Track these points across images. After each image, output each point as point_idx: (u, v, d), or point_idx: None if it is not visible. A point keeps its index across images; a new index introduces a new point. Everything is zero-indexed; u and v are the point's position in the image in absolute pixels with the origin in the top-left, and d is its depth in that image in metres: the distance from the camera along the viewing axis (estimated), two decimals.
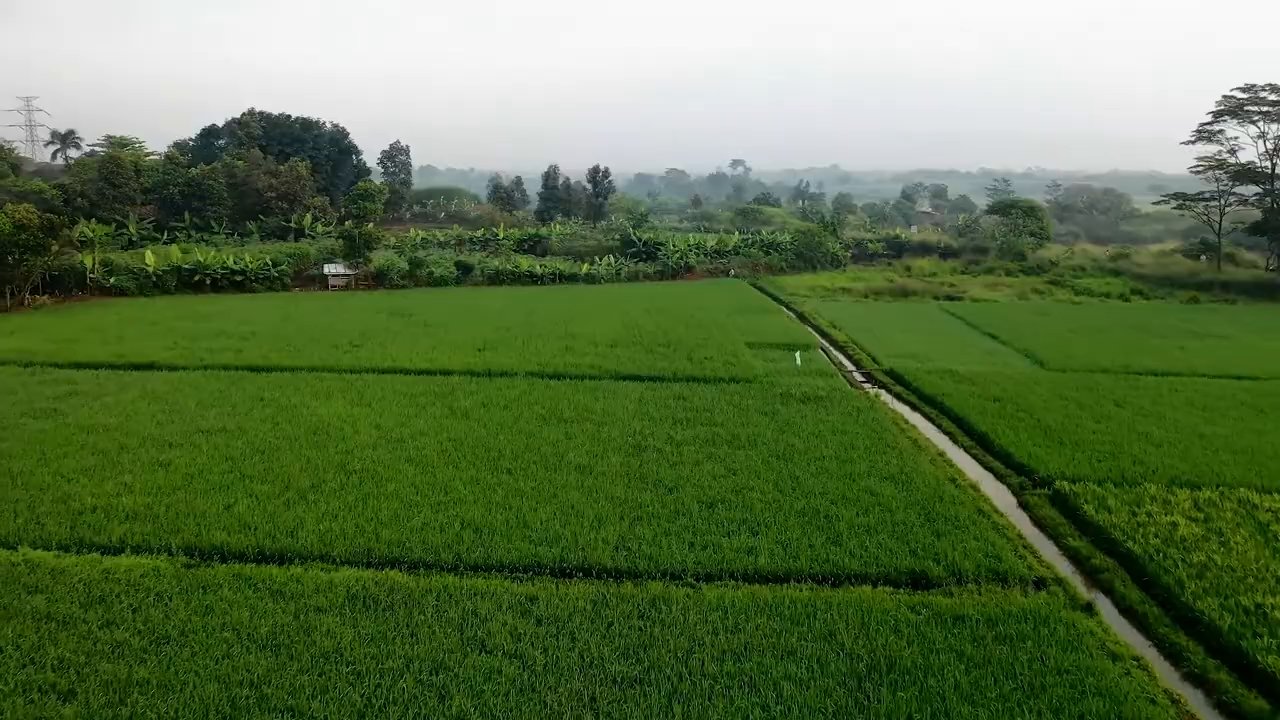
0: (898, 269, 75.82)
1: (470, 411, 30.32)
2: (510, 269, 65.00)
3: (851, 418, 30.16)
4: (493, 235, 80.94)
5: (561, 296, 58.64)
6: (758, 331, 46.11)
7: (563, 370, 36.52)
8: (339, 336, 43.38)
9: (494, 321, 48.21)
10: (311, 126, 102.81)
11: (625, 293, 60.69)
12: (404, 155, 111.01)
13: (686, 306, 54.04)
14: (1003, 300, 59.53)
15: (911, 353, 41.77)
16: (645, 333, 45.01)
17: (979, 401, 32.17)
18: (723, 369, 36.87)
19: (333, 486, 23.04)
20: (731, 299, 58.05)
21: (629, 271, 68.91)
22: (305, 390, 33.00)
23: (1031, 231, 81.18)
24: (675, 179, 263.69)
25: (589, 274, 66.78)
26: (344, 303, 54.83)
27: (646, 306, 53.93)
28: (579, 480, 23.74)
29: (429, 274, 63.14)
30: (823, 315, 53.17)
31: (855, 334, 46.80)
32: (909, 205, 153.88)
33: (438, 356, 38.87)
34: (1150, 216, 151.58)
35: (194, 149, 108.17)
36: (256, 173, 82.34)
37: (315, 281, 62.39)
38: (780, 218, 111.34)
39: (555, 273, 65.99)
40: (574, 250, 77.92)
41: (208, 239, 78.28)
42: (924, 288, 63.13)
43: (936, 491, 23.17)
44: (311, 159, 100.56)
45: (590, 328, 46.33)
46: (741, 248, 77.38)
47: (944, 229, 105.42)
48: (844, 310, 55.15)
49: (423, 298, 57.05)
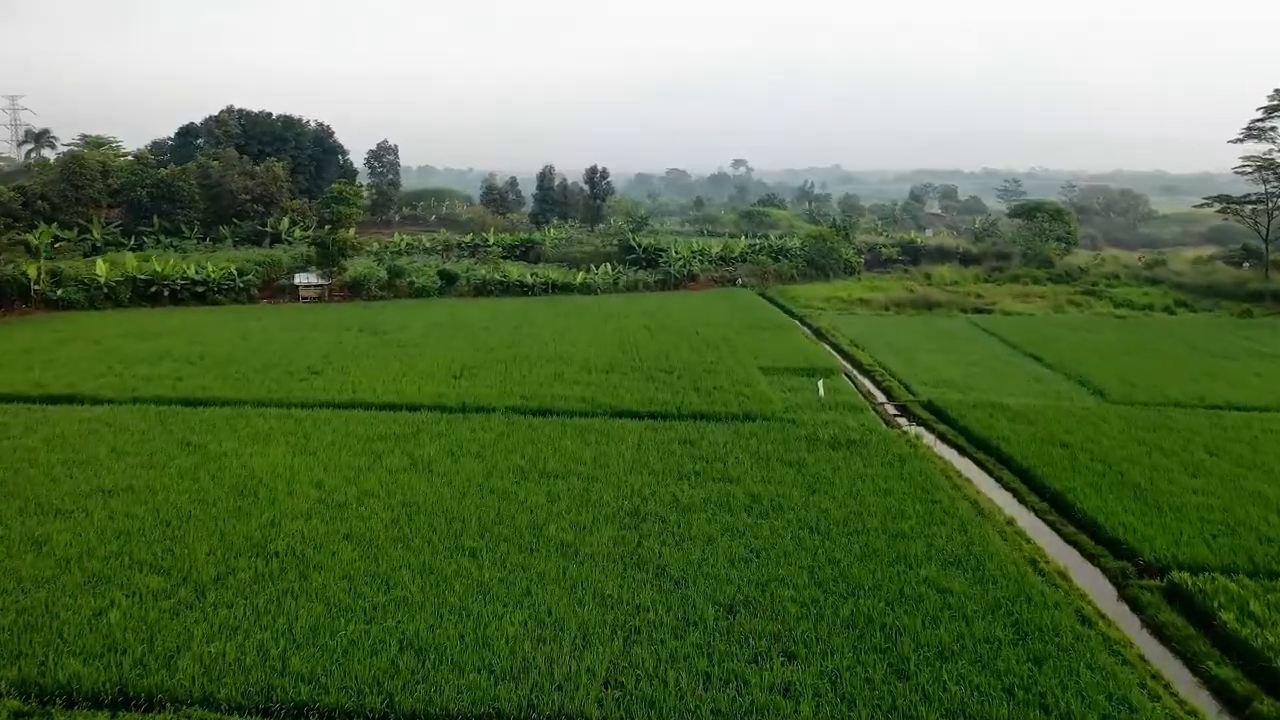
0: (916, 277, 70.67)
1: (434, 462, 25.17)
2: (499, 278, 59.83)
3: (893, 469, 25.01)
4: (482, 241, 75.80)
5: (554, 310, 53.53)
6: (772, 353, 40.96)
7: (549, 404, 31.36)
8: (297, 360, 38.25)
9: (476, 340, 43.06)
10: (294, 125, 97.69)
11: (624, 305, 55.56)
12: (392, 155, 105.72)
13: (691, 322, 48.90)
14: (1037, 313, 54.38)
15: (949, 379, 36.62)
16: (645, 355, 39.87)
17: (1042, 447, 27.00)
18: (735, 402, 31.72)
19: (244, 578, 17.93)
20: (740, 312, 52.92)
21: (628, 281, 63.77)
22: (242, 432, 27.87)
23: (1058, 236, 76.04)
24: (676, 179, 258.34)
25: (585, 283, 61.66)
26: (312, 317, 49.69)
27: (647, 322, 48.78)
28: (560, 567, 18.61)
29: (409, 284, 58.01)
30: (842, 332, 48.02)
31: (881, 355, 41.64)
32: (918, 206, 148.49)
33: (406, 386, 33.72)
34: (1169, 218, 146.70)
35: (172, 148, 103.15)
36: (231, 173, 77.24)
37: (286, 293, 57.31)
38: (787, 221, 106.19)
39: (548, 282, 60.83)
40: (569, 257, 72.82)
41: (177, 244, 73.12)
42: (948, 299, 58.01)
43: (1019, 585, 18.03)
44: (293, 159, 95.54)
45: (583, 348, 41.19)
46: (749, 254, 72.25)
47: (959, 232, 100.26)
48: (865, 326, 49.99)
49: (400, 311, 51.92)
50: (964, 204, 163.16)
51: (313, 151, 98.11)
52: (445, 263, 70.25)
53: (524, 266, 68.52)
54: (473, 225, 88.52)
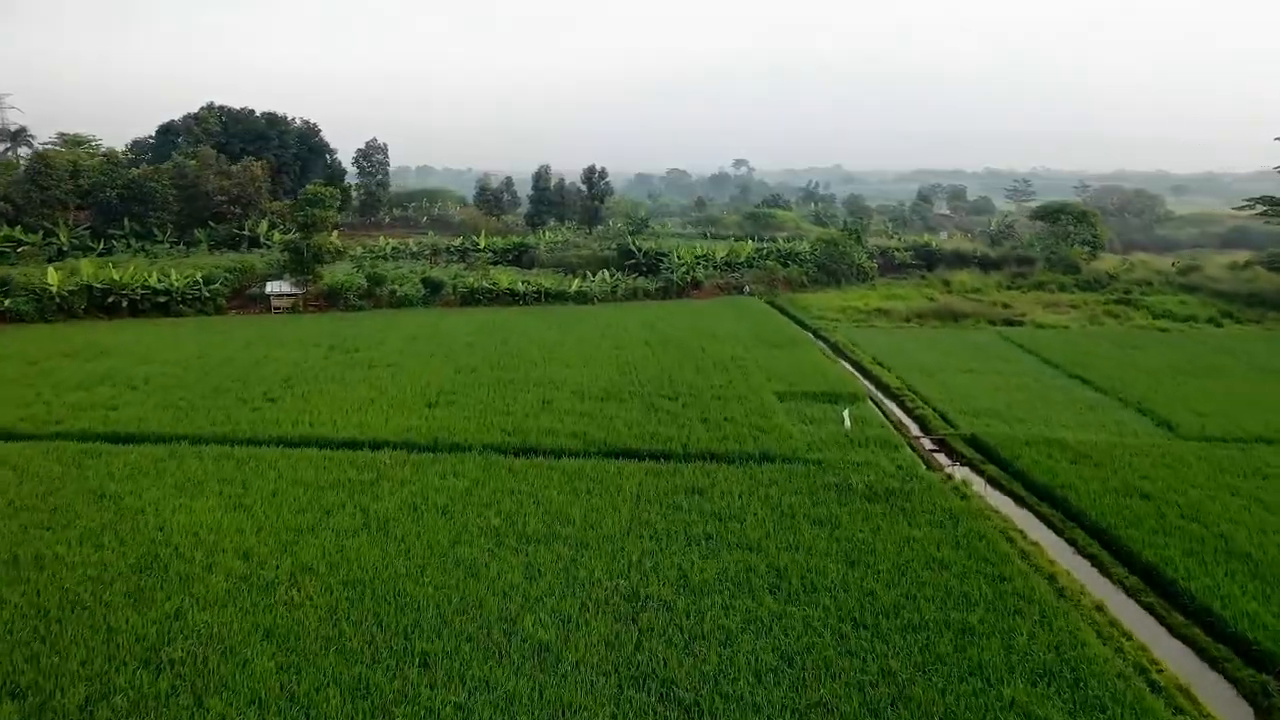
0: (935, 284, 66.35)
1: (391, 521, 20.90)
2: (487, 286, 55.50)
3: (945, 531, 20.72)
4: (472, 244, 71.47)
5: (546, 322, 49.24)
6: (787, 374, 36.67)
7: (535, 441, 27.06)
8: (254, 384, 33.96)
9: (458, 359, 38.77)
10: (278, 122, 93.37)
11: (622, 316, 51.25)
12: (381, 154, 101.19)
13: (696, 336, 44.60)
14: (1072, 326, 50.03)
15: (990, 407, 32.31)
16: (646, 376, 35.59)
17: (1118, 499, 22.72)
18: (750, 438, 27.43)
19: (120, 705, 13.69)
20: (749, 325, 48.61)
21: (627, 288, 59.43)
22: (170, 479, 23.59)
23: (1084, 240, 71.70)
24: (676, 179, 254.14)
25: (580, 292, 57.32)
26: (280, 331, 45.37)
27: (648, 336, 44.48)
28: (536, 685, 14.35)
29: (391, 293, 53.69)
30: (862, 347, 43.71)
31: (910, 376, 37.34)
32: (926, 207, 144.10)
33: (372, 417, 29.42)
34: (1185, 219, 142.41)
35: (153, 147, 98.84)
36: (206, 174, 72.92)
37: (257, 303, 52.99)
38: (793, 222, 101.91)
39: (540, 291, 56.49)
40: (565, 262, 68.52)
41: (148, 249, 68.90)
42: (973, 309, 53.68)
43: (1137, 715, 13.75)
44: (277, 158, 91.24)
45: (577, 369, 36.91)
46: (756, 259, 67.90)
47: (973, 235, 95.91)
48: (886, 340, 45.67)
49: (378, 324, 47.59)
50: (972, 204, 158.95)
51: (297, 150, 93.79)
52: (433, 268, 66.01)
53: (516, 272, 64.27)
54: (465, 227, 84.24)
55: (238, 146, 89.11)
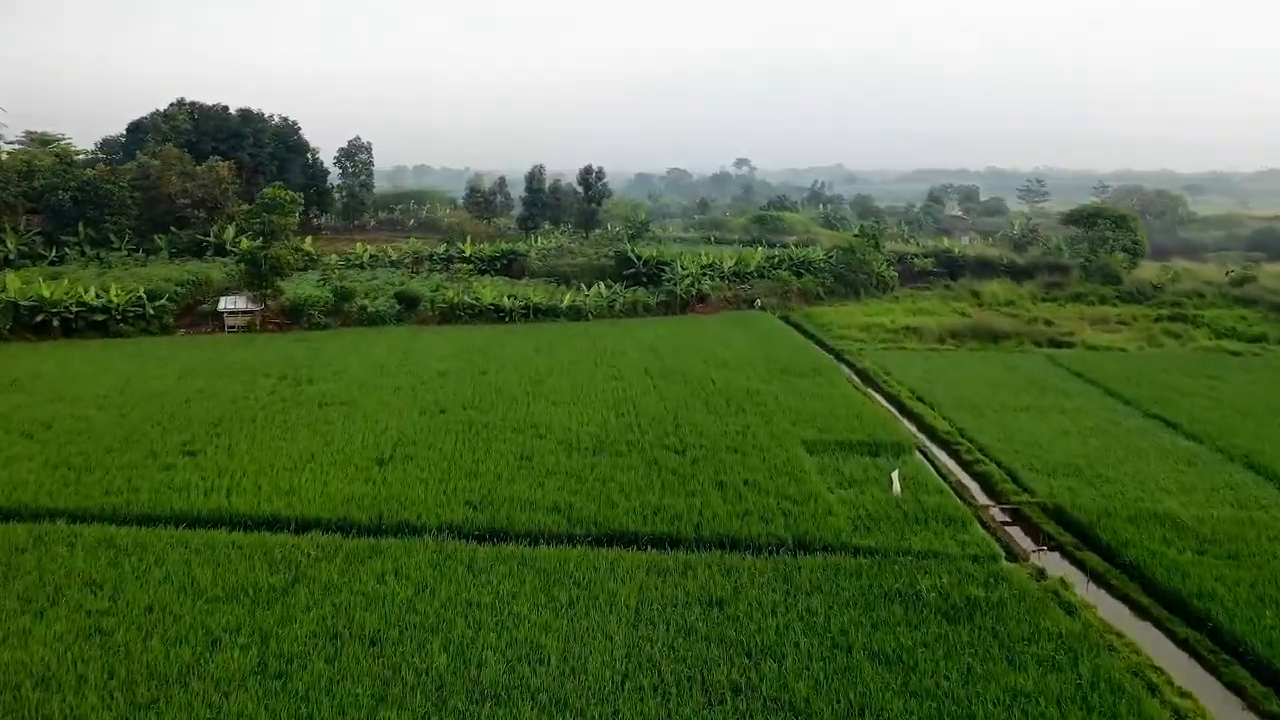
0: (963, 295, 60.63)
1: (296, 663, 15.16)
2: (469, 301, 49.63)
3: (1061, 677, 14.99)
4: (458, 252, 65.57)
5: (533, 343, 43.46)
6: (815, 413, 30.93)
7: (506, 518, 21.36)
8: (176, 430, 28.22)
9: (426, 394, 33.01)
10: (253, 120, 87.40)
11: (620, 336, 45.46)
12: (364, 154, 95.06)
13: (704, 362, 38.86)
14: (1129, 348, 44.16)
15: (1065, 461, 26.58)
16: (647, 418, 29.87)
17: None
18: (779, 513, 21.72)
19: None
20: (764, 348, 42.82)
21: (625, 302, 53.57)
22: (18, 585, 17.87)
23: (1124, 247, 65.85)
24: (677, 179, 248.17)
25: (574, 306, 51.48)
26: (227, 357, 39.53)
27: (649, 362, 38.72)
28: None
29: (360, 309, 47.85)
30: (896, 376, 37.96)
31: (958, 416, 31.60)
32: (937, 208, 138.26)
33: (308, 481, 23.67)
34: (1208, 221, 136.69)
35: (122, 146, 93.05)
36: (169, 174, 67.12)
37: (210, 321, 47.16)
38: (802, 225, 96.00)
39: (528, 306, 50.62)
40: (558, 271, 62.70)
41: (103, 256, 63.16)
42: (1012, 326, 47.84)
43: None
44: (252, 157, 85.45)
45: (565, 408, 31.16)
46: (766, 269, 62.06)
47: (994, 239, 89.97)
48: (922, 367, 39.88)
49: (341, 347, 41.77)
50: (985, 205, 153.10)
51: (274, 149, 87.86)
52: (413, 278, 60.23)
53: (503, 284, 58.47)
54: (453, 232, 78.28)
55: (209, 145, 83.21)
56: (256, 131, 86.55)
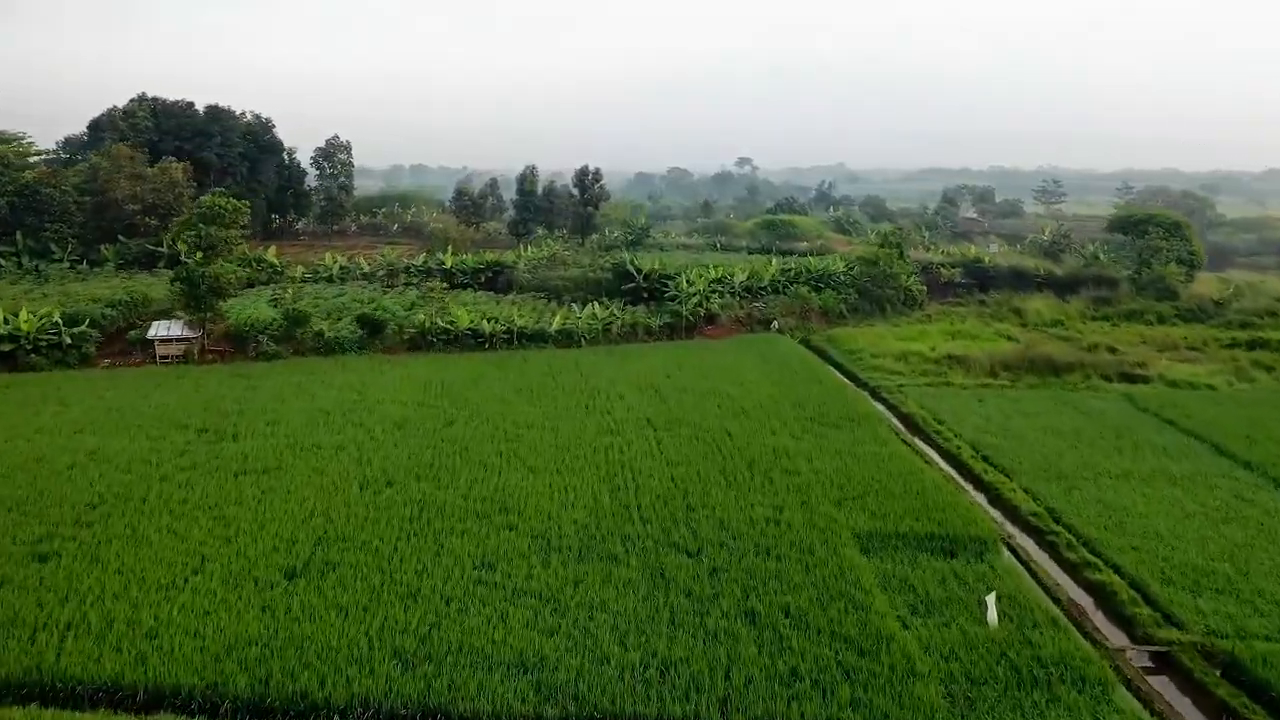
0: (1002, 314, 54.11)
1: None
2: (444, 326, 43.02)
3: None
4: (437, 264, 58.92)
5: (514, 380, 36.92)
6: (861, 484, 24.42)
7: (447, 692, 14.81)
8: (40, 515, 21.70)
9: (372, 457, 26.47)
10: (222, 117, 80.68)
11: (616, 371, 38.87)
12: (343, 153, 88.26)
13: (719, 408, 32.34)
14: (1218, 384, 37.52)
15: (1205, 566, 20.11)
16: (651, 495, 23.39)
17: None
18: (839, 675, 15.21)
19: None
20: (787, 385, 36.24)
21: (624, 324, 46.92)
22: None
23: (1179, 258, 59.24)
24: (678, 179, 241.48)
25: (564, 331, 44.83)
26: (147, 399, 32.94)
27: (650, 410, 32.16)
28: None
29: (316, 336, 41.25)
30: (950, 425, 31.43)
31: (1043, 488, 25.10)
32: (951, 210, 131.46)
33: (180, 614, 17.13)
34: (1236, 224, 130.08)
35: (85, 145, 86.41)
36: (116, 177, 60.54)
37: (142, 350, 40.52)
38: (814, 230, 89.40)
39: (511, 331, 43.99)
40: (549, 285, 56.15)
41: (43, 269, 56.69)
42: (1072, 355, 41.13)
43: None
44: (220, 158, 78.88)
45: (545, 479, 24.65)
46: (782, 283, 55.48)
47: (1022, 246, 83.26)
48: (979, 412, 33.27)
49: (285, 386, 35.18)
50: (1000, 207, 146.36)
51: (244, 149, 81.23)
52: (387, 293, 53.65)
53: (487, 300, 51.94)
54: (437, 240, 71.61)
55: (172, 144, 76.67)
56: (225, 130, 79.94)
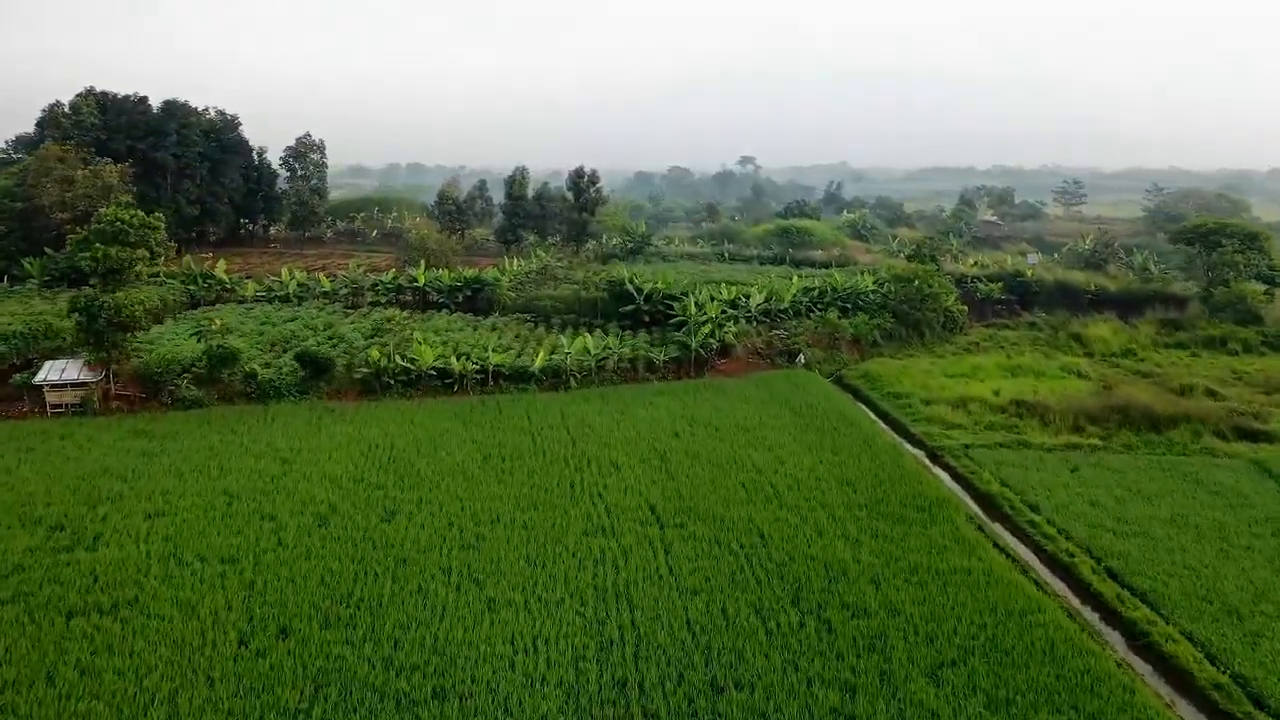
0: (1059, 339, 46.71)
1: None
2: (402, 368, 35.53)
3: None
4: (409, 281, 51.42)
5: (480, 443, 29.55)
6: (957, 629, 17.02)
7: None
8: None
9: (270, 583, 19.06)
10: (178, 113, 73.11)
11: (612, 428, 31.42)
12: (316, 153, 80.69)
13: (746, 490, 24.96)
14: None
15: None
16: (659, 660, 16.11)
17: None
18: None
19: None
20: (828, 451, 28.82)
21: (622, 358, 39.39)
22: None
23: (1258, 273, 51.85)
24: (679, 178, 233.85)
25: (549, 368, 37.33)
26: (6, 474, 25.47)
27: (655, 494, 24.75)
28: None
29: (247, 377, 33.82)
30: (1047, 513, 24.07)
31: (1220, 640, 17.82)
32: (969, 212, 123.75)
33: None
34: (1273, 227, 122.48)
35: (33, 144, 78.95)
36: (44, 181, 53.16)
37: (30, 396, 33.01)
38: (831, 237, 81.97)
39: (485, 370, 36.50)
40: (536, 306, 48.77)
41: None
42: (1169, 404, 33.42)
43: None
44: (176, 158, 71.47)
45: (509, 619, 17.26)
46: (805, 304, 48.01)
47: (1060, 256, 75.61)
48: (1080, 491, 25.79)
49: (190, 452, 27.72)
50: (1019, 209, 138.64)
51: (205, 149, 73.74)
52: (349, 316, 46.21)
53: (463, 328, 44.53)
54: (414, 250, 64.13)
55: (123, 144, 69.31)
56: (182, 127, 72.39)
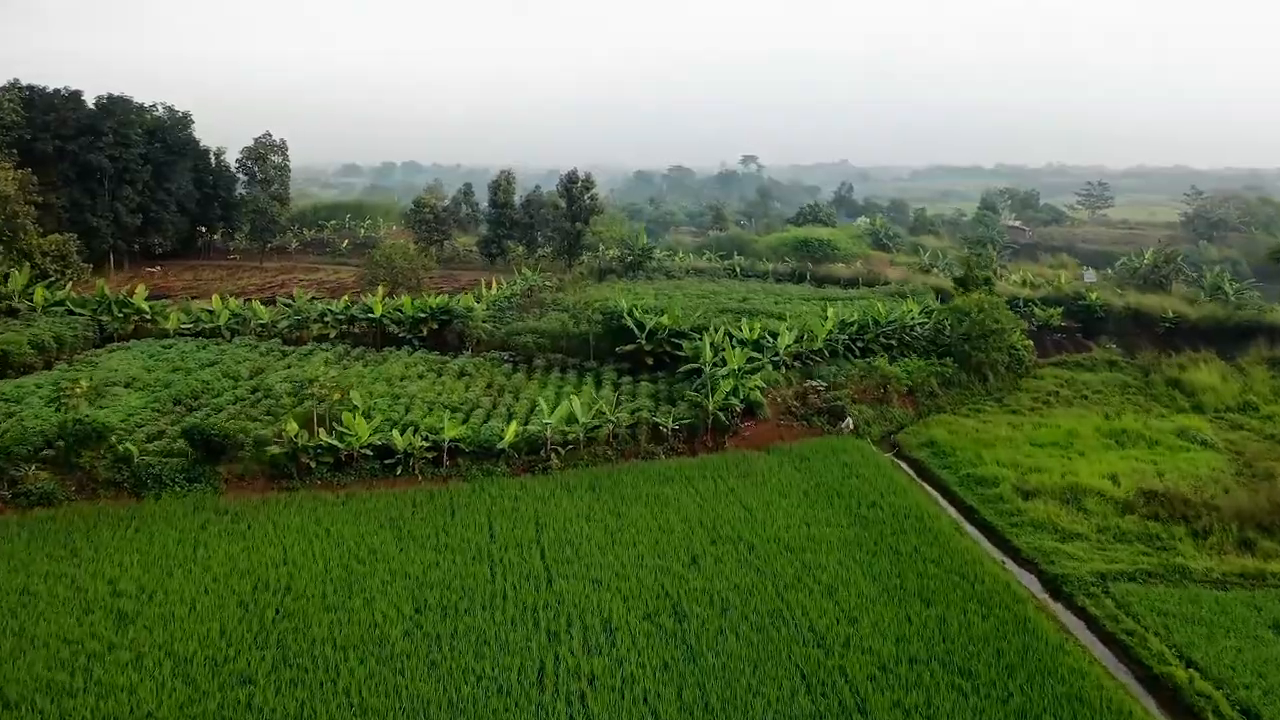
0: (1151, 386, 38.26)
1: None
2: (326, 444, 26.79)
3: None
4: (364, 311, 42.79)
5: (415, 575, 21.03)
6: None
7: None
8: None
9: None
10: (116, 110, 64.34)
11: (602, 550, 22.87)
12: (277, 154, 71.63)
13: (805, 670, 16.48)
14: None
15: None
16: None
17: None
18: None
19: None
20: (909, 591, 20.28)
21: (618, 421, 30.69)
22: None
23: None
24: (680, 178, 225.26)
25: (526, 440, 28.65)
26: None
27: (666, 683, 16.24)
28: None
29: (119, 461, 25.29)
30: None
31: None
32: (992, 217, 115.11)
33: None
34: None
35: None
36: None
37: None
38: (855, 249, 73.31)
39: (438, 446, 27.78)
40: (516, 343, 40.25)
41: None
42: None
43: None
44: (114, 160, 62.87)
45: None
46: (842, 342, 39.37)
47: (1115, 271, 67.00)
48: None
49: (7, 581, 19.28)
50: (1043, 213, 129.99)
51: (146, 150, 65.03)
52: (285, 357, 37.68)
53: (426, 374, 36.01)
54: (380, 268, 55.57)
55: (51, 144, 60.77)
56: (121, 125, 63.68)
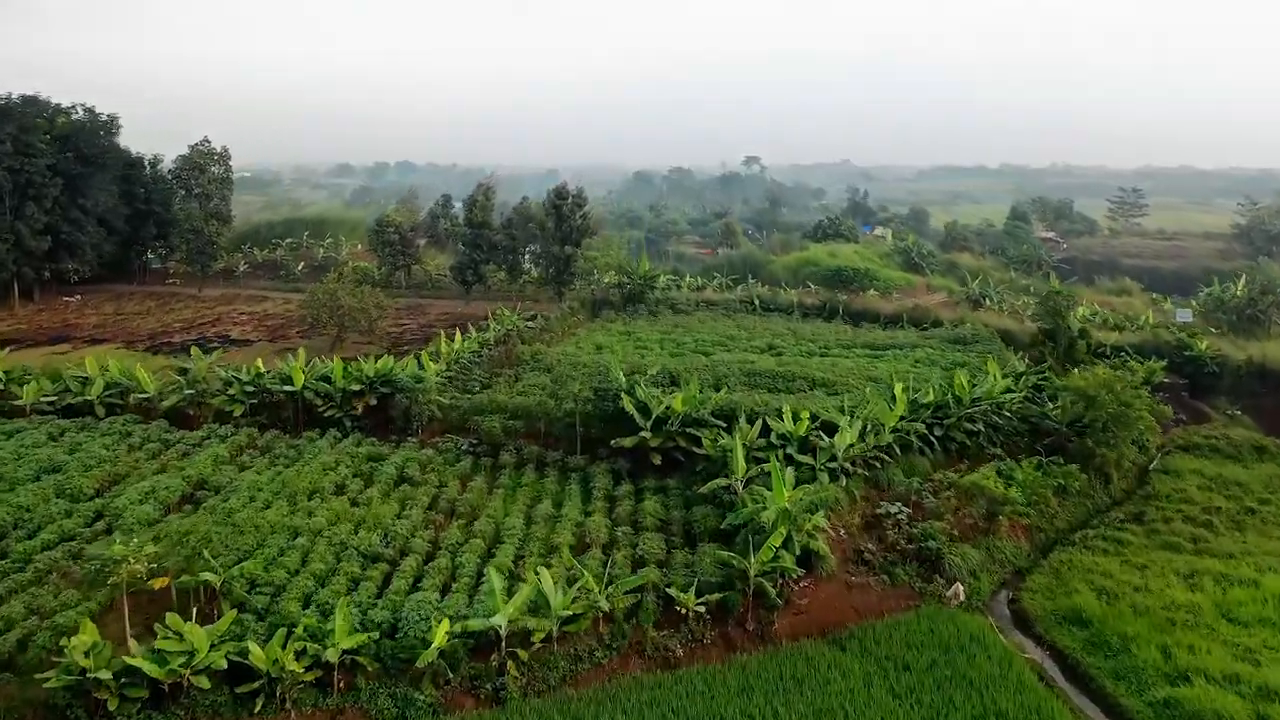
0: None
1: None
2: (142, 669, 16.40)
3: None
4: (280, 381, 32.23)
5: None
6: None
7: None
8: None
9: None
10: (16, 115, 53.83)
11: None
12: (218, 165, 60.85)
13: None
14: None
15: None
16: None
17: None
18: None
19: None
20: None
21: (616, 611, 19.96)
22: None
23: None
24: (680, 180, 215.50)
25: (464, 643, 18.23)
26: None
27: None
28: None
29: None
30: None
31: None
32: (1023, 229, 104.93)
33: None
34: None
35: None
36: None
37: None
38: (886, 273, 63.07)
39: (325, 664, 17.50)
40: (478, 426, 30.10)
41: None
42: None
43: None
44: (13, 173, 52.50)
45: None
46: (914, 432, 28.83)
47: (1205, 303, 56.53)
48: None
49: None
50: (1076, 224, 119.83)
51: (56, 161, 54.58)
52: (163, 453, 27.44)
53: (344, 481, 25.87)
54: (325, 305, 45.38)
55: None
56: (23, 131, 53.29)
